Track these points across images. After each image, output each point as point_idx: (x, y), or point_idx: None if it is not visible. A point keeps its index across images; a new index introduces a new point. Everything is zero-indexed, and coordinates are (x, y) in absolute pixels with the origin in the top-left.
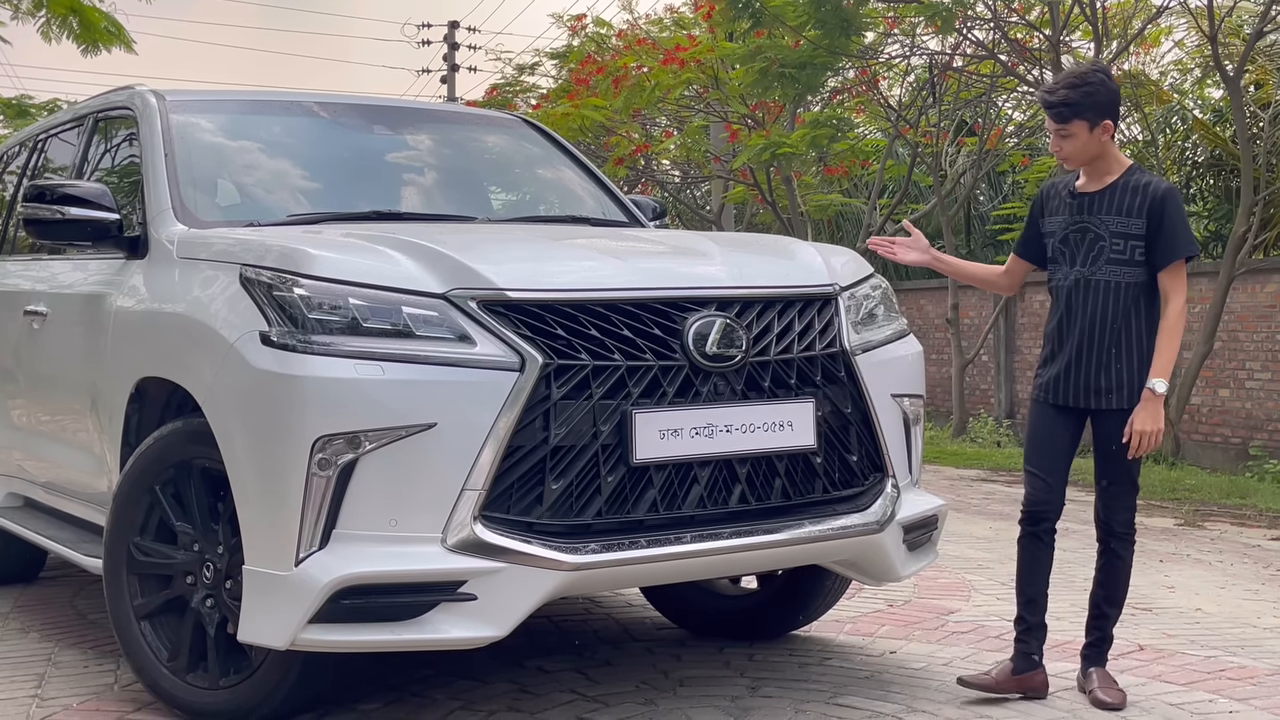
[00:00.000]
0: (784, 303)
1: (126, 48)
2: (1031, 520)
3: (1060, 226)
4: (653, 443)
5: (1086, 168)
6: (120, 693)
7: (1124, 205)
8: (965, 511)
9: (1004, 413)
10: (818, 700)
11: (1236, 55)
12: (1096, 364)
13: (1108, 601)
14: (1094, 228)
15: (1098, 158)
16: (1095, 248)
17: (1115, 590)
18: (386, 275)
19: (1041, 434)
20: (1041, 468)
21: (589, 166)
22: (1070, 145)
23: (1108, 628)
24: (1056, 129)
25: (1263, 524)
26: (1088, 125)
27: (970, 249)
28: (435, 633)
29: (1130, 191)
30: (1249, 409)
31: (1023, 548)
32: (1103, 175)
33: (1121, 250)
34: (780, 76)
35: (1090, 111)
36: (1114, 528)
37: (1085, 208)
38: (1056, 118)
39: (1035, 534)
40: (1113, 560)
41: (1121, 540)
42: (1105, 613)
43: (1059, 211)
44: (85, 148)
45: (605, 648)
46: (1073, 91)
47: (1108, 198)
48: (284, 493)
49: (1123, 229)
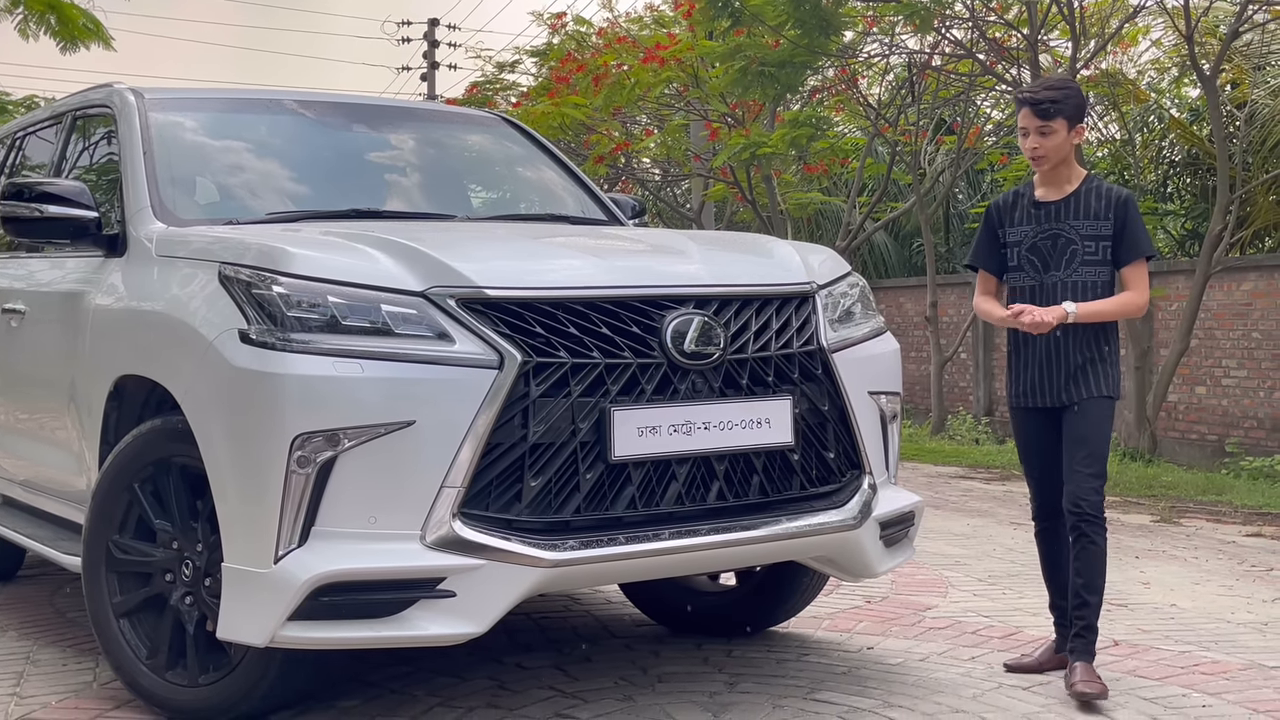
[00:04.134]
0: (762, 301)
1: (105, 45)
2: (1044, 516)
3: (1028, 235)
4: (631, 440)
5: (1044, 178)
6: (99, 691)
7: (1091, 209)
8: (943, 508)
9: (982, 410)
10: (795, 696)
11: (1213, 54)
12: (1068, 365)
13: (1086, 589)
14: (1065, 233)
15: (1064, 163)
16: (1068, 252)
17: (1093, 577)
18: (365, 273)
19: (1030, 439)
20: (1040, 470)
21: (569, 165)
22: (1050, 142)
23: (1090, 616)
24: (1039, 125)
25: (1238, 520)
26: (1067, 125)
27: (949, 246)
28: (414, 630)
29: (1095, 196)
30: (1225, 406)
31: (1042, 542)
32: (1063, 184)
33: (1094, 251)
34: (760, 75)
35: (1071, 111)
36: (1085, 509)
37: (1053, 215)
38: (1042, 114)
39: (1050, 528)
40: (1087, 546)
41: (1092, 523)
42: (1086, 600)
43: (1023, 221)
44: (64, 145)
45: (584, 644)
46: (1056, 92)
47: (1075, 204)
48: (263, 490)
49: (1093, 231)
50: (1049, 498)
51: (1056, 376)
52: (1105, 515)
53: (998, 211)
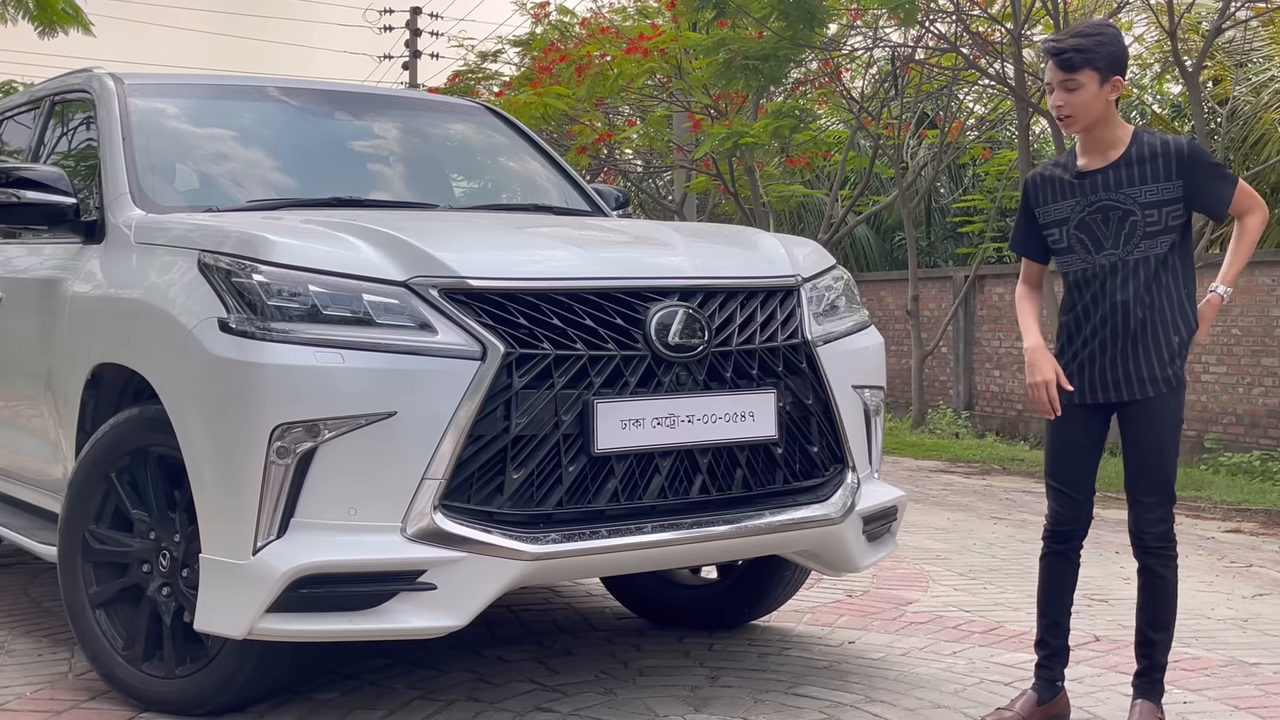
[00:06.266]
0: (746, 293)
1: (84, 30)
2: (1058, 539)
3: (1072, 211)
4: (614, 432)
5: (1084, 143)
6: (75, 681)
7: (1150, 173)
8: (924, 502)
9: (963, 404)
10: (777, 690)
11: (1195, 51)
12: (1125, 348)
13: (1151, 626)
14: (1120, 204)
15: (1101, 122)
16: (1126, 224)
17: (1158, 613)
18: (347, 262)
19: (1064, 442)
20: (1068, 482)
21: (552, 155)
22: (1077, 99)
23: (1155, 655)
24: (1063, 79)
25: (1217, 516)
26: (1099, 77)
27: (931, 240)
28: (394, 622)
29: (1151, 158)
30: (1204, 402)
31: (1046, 567)
32: (1108, 148)
33: (1156, 221)
34: (743, 67)
35: (1103, 61)
36: (1147, 543)
37: (1102, 186)
38: (1064, 65)
39: (1062, 553)
40: (1152, 580)
41: (1157, 556)
42: (1150, 639)
43: (1064, 196)
44: (42, 131)
45: (565, 637)
46: (1085, 39)
47: (1129, 169)
48: (241, 481)
49: (1155, 198)
50: (1073, 520)
51: (1125, 364)
52: (1175, 544)
53: (1034, 187)
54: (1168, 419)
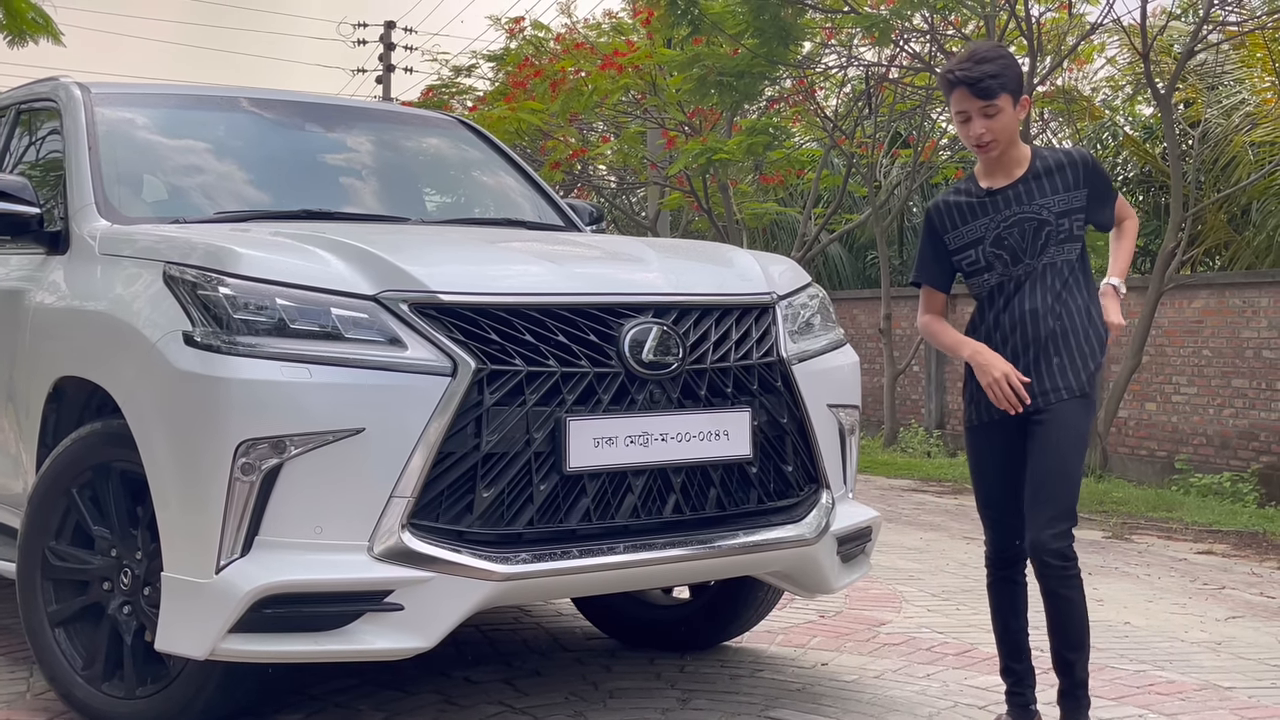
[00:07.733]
0: (721, 310)
1: (55, 39)
2: (1000, 565)
3: (986, 230)
4: (586, 451)
5: (991, 165)
6: (33, 701)
7: (1061, 183)
8: (896, 522)
9: (934, 423)
10: (749, 713)
11: (1168, 73)
12: (1037, 356)
13: (1066, 647)
14: (1036, 215)
15: (1012, 143)
16: (1042, 234)
17: (1069, 634)
18: (315, 276)
19: (988, 467)
20: (999, 508)
21: (525, 169)
22: (998, 124)
23: (1076, 673)
24: (982, 107)
25: (1189, 538)
26: (1012, 99)
27: (904, 259)
28: (360, 644)
29: (1059, 168)
30: (1175, 423)
31: (995, 593)
32: (1013, 166)
33: (1066, 229)
34: (718, 84)
35: (1013, 83)
36: (1047, 561)
37: (1015, 200)
38: (983, 93)
39: (1006, 577)
40: (1056, 602)
41: (1058, 576)
42: (1068, 659)
43: (974, 216)
44: (6, 139)
45: (534, 658)
46: (993, 64)
47: (1039, 182)
48: (205, 498)
49: (1065, 206)
50: (1010, 546)
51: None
52: (1076, 561)
53: (939, 215)
54: (1072, 432)
